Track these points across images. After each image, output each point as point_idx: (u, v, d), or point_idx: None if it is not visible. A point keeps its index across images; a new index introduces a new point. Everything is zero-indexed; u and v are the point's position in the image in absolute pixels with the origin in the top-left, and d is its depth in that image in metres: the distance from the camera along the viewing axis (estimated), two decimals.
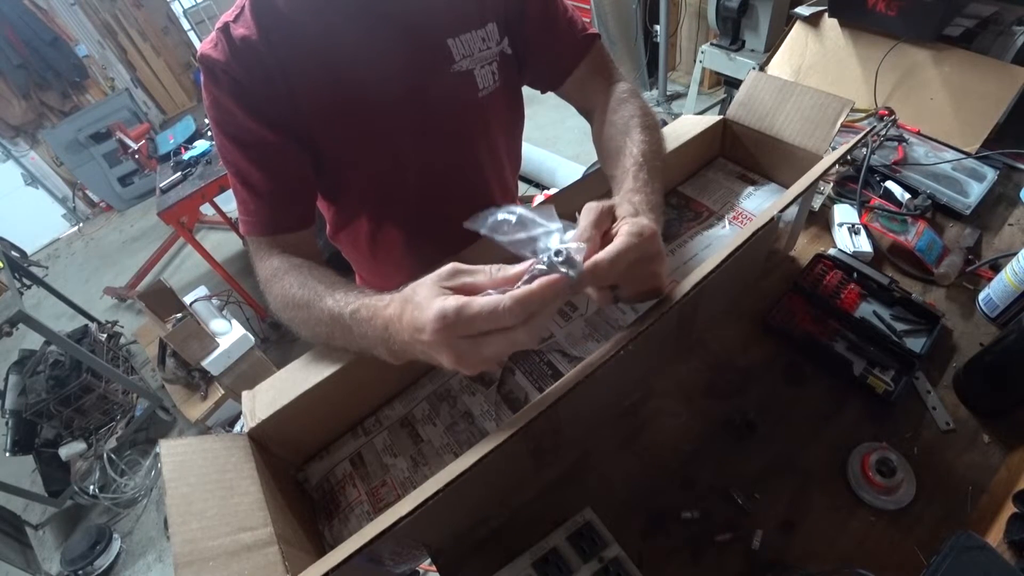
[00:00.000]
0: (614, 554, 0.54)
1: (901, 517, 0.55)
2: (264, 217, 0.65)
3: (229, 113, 0.61)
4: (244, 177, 0.64)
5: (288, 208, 0.66)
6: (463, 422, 0.63)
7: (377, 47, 0.64)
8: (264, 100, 0.61)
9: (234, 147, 0.62)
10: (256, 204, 0.65)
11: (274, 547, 0.45)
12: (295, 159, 0.65)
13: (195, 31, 4.45)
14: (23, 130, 3.88)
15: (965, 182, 0.88)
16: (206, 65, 0.60)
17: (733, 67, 2.34)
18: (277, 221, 0.66)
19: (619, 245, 0.44)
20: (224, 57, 0.59)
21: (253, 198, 0.65)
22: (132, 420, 2.19)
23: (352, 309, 0.51)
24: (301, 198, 0.68)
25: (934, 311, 0.69)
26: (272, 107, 0.61)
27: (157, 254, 3.15)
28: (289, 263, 0.62)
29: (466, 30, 0.68)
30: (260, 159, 0.63)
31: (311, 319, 0.56)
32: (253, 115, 0.60)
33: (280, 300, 0.60)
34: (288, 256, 0.64)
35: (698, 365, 0.71)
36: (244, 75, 0.59)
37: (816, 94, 0.73)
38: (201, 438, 0.51)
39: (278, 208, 0.65)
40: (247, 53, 0.59)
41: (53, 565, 1.92)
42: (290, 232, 0.66)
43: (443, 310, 0.39)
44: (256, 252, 0.66)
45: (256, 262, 0.66)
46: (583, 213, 0.48)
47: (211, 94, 0.61)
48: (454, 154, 0.76)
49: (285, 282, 0.60)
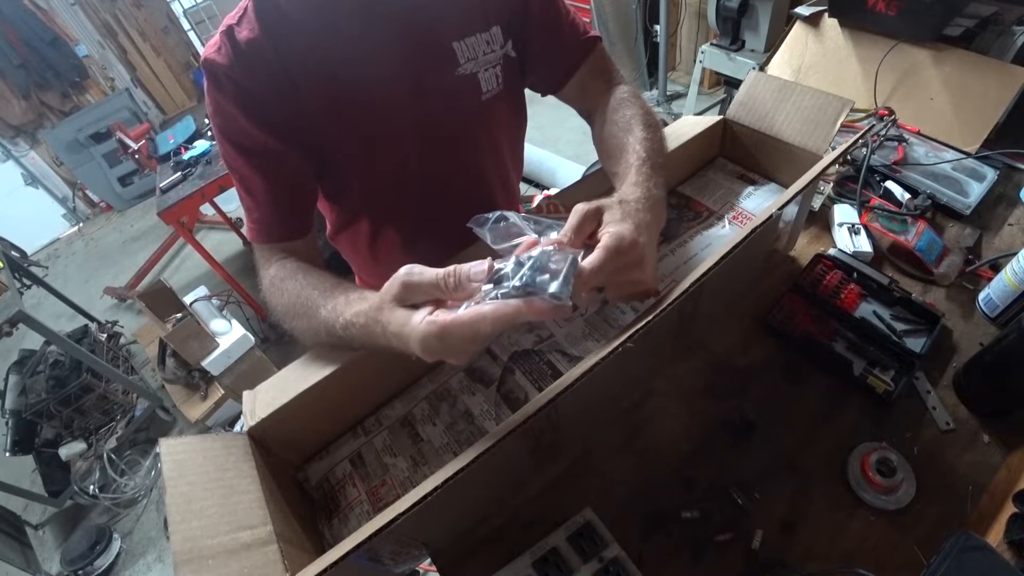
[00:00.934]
0: (614, 554, 0.54)
1: (901, 517, 0.55)
2: (266, 226, 0.66)
3: (233, 119, 0.60)
4: (247, 185, 0.65)
5: (289, 217, 0.67)
6: (463, 422, 0.63)
7: (381, 49, 0.64)
8: (268, 105, 0.61)
9: (237, 154, 0.63)
10: (259, 212, 0.65)
11: (273, 546, 0.45)
12: (297, 167, 0.65)
13: (195, 31, 4.45)
14: (23, 130, 3.87)
15: (965, 182, 0.88)
16: (210, 70, 0.59)
17: (733, 67, 2.34)
18: (278, 230, 0.67)
19: (596, 259, 0.45)
20: (228, 61, 0.58)
21: (256, 206, 0.65)
22: (132, 420, 2.19)
23: (344, 322, 0.51)
24: (302, 207, 0.69)
25: (934, 311, 0.69)
26: (276, 111, 0.61)
27: (157, 254, 3.15)
28: (286, 271, 0.62)
29: (471, 33, 0.68)
30: (262, 167, 0.63)
31: (310, 329, 0.57)
32: (257, 122, 0.60)
33: (280, 310, 0.61)
34: (285, 263, 0.64)
35: (698, 365, 0.71)
36: (248, 80, 0.59)
37: (816, 94, 0.73)
38: (201, 437, 0.51)
39: (279, 217, 0.66)
40: (251, 56, 0.59)
41: (53, 565, 1.92)
42: (291, 240, 0.67)
43: (426, 338, 0.42)
44: (259, 259, 0.67)
45: (259, 269, 0.67)
46: (571, 215, 0.48)
47: (215, 100, 0.61)
48: (456, 157, 0.76)
49: (283, 292, 0.61)
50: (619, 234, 0.46)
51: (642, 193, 0.53)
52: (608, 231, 0.47)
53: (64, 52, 3.82)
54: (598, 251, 0.45)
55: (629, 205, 0.51)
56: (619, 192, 0.55)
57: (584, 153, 3.07)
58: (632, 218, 0.49)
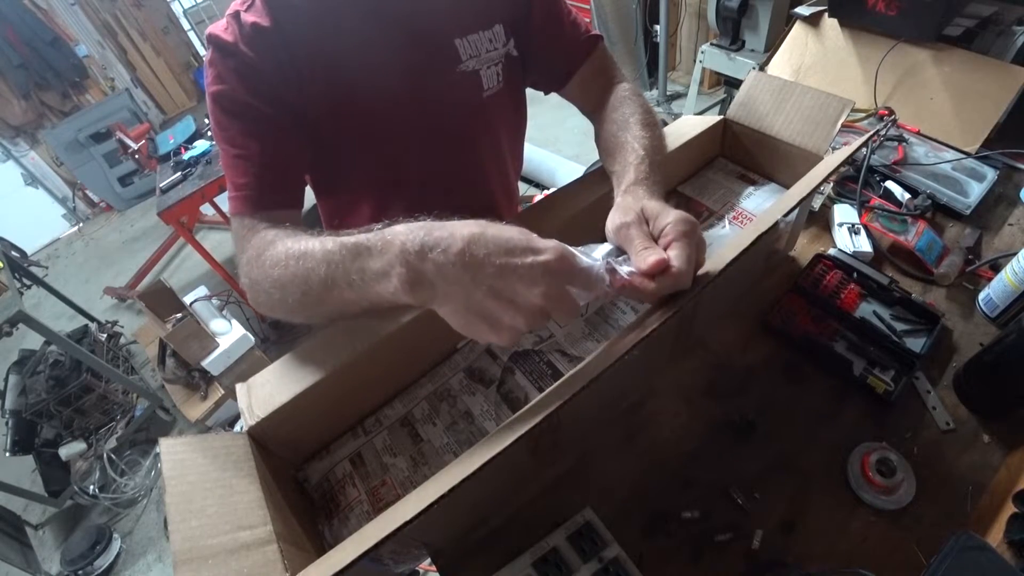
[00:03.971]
0: (614, 554, 0.54)
1: (901, 517, 0.55)
2: (255, 192, 0.60)
3: (231, 87, 0.59)
4: (238, 151, 0.60)
5: (279, 184, 0.62)
6: (463, 422, 0.63)
7: (384, 44, 0.64)
8: (271, 83, 0.60)
9: (231, 121, 0.60)
10: (247, 178, 0.60)
11: (273, 545, 0.45)
12: (291, 136, 0.63)
13: (195, 31, 4.45)
14: (23, 130, 3.87)
15: (965, 182, 0.88)
16: (215, 43, 0.59)
17: (733, 67, 2.34)
18: (268, 196, 0.61)
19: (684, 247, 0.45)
20: (234, 38, 0.58)
21: (245, 172, 0.60)
22: (132, 420, 2.19)
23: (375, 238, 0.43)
24: (293, 177, 0.65)
25: (934, 311, 0.69)
26: (278, 91, 0.60)
27: (157, 254, 3.14)
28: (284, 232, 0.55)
29: (473, 31, 0.68)
30: (257, 131, 0.60)
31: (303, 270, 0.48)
32: (256, 92, 0.59)
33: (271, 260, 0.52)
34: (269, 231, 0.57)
35: (698, 365, 0.71)
36: (254, 57, 0.58)
37: (816, 94, 0.73)
38: (201, 437, 0.51)
39: (269, 182, 0.61)
40: (258, 40, 0.58)
41: (53, 565, 1.92)
42: (280, 209, 0.62)
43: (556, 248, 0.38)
44: (242, 232, 0.60)
45: (243, 242, 0.59)
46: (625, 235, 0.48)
47: (215, 69, 0.59)
48: (457, 153, 0.76)
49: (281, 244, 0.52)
50: (684, 219, 0.47)
51: (644, 190, 0.54)
52: (671, 219, 0.47)
53: (64, 52, 3.81)
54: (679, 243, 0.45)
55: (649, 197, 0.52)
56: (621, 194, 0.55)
57: (584, 153, 3.07)
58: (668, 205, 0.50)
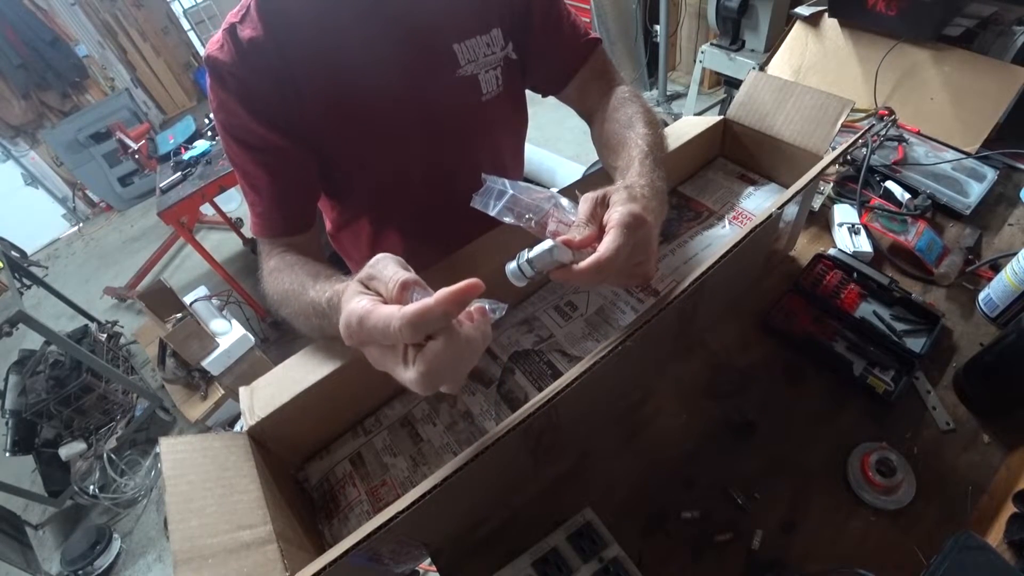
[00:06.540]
0: (614, 554, 0.54)
1: (901, 517, 0.55)
2: (268, 220, 0.66)
3: (235, 116, 0.61)
4: (250, 180, 0.65)
5: (291, 212, 0.67)
6: (463, 422, 0.63)
7: (382, 50, 0.64)
8: (271, 102, 0.61)
9: (240, 150, 0.63)
10: (262, 207, 0.66)
11: (273, 545, 0.45)
12: (299, 163, 0.66)
13: (195, 31, 4.45)
14: (23, 130, 3.87)
15: (965, 182, 0.88)
16: (213, 67, 0.60)
17: (733, 67, 2.34)
18: (281, 224, 0.67)
19: (614, 238, 0.44)
20: (230, 58, 0.59)
21: (259, 200, 0.66)
22: (132, 420, 2.19)
23: (327, 297, 0.50)
24: (304, 202, 0.69)
25: (934, 311, 0.69)
26: (278, 109, 0.61)
27: (157, 254, 3.14)
28: (284, 262, 0.63)
29: (472, 35, 0.68)
30: (265, 162, 0.63)
31: (300, 312, 0.57)
32: (259, 119, 0.61)
33: (274, 296, 0.62)
34: (285, 255, 0.64)
35: (698, 365, 0.71)
36: (251, 77, 0.59)
37: (816, 94, 0.73)
38: (201, 436, 0.51)
39: (281, 212, 0.66)
40: (254, 55, 0.59)
41: (53, 565, 1.92)
42: (292, 235, 0.67)
43: (347, 316, 0.39)
44: (262, 252, 0.68)
45: (261, 257, 0.68)
46: (580, 204, 0.48)
47: (218, 97, 0.61)
48: (457, 157, 0.76)
49: (279, 280, 0.61)
50: (630, 212, 0.46)
51: (646, 182, 0.53)
52: (618, 211, 0.46)
53: (64, 52, 3.81)
54: (614, 231, 0.45)
55: (635, 190, 0.51)
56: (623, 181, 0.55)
57: (584, 153, 3.07)
58: (638, 201, 0.49)
